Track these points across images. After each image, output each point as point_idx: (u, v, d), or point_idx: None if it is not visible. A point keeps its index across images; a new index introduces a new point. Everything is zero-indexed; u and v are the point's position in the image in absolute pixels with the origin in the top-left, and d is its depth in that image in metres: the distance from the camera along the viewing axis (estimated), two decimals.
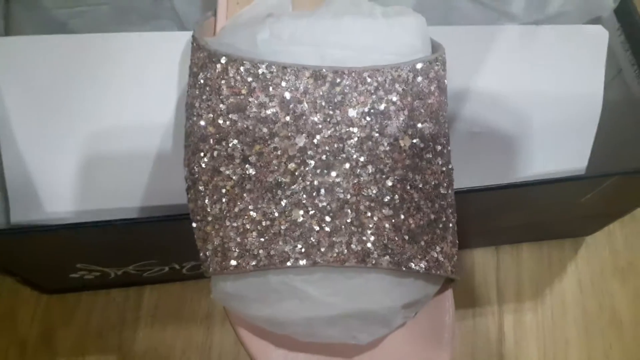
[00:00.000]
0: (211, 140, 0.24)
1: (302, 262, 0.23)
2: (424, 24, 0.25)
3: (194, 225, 0.25)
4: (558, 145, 0.38)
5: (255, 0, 0.30)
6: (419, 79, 0.23)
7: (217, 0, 0.30)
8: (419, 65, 0.24)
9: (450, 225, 0.25)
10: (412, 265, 0.24)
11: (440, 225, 0.25)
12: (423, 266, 0.24)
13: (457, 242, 0.26)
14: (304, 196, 0.23)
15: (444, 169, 0.25)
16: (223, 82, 0.24)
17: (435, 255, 0.24)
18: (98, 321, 0.42)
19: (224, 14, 0.30)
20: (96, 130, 0.34)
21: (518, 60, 0.35)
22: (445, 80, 0.25)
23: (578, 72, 0.36)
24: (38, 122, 0.34)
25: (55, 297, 0.43)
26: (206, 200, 0.24)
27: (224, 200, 0.24)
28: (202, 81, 0.25)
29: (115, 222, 0.31)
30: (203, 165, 0.24)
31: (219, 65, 0.24)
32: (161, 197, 0.34)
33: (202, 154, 0.24)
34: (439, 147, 0.24)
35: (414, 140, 0.23)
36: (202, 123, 0.24)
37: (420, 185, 0.24)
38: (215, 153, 0.24)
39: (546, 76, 0.36)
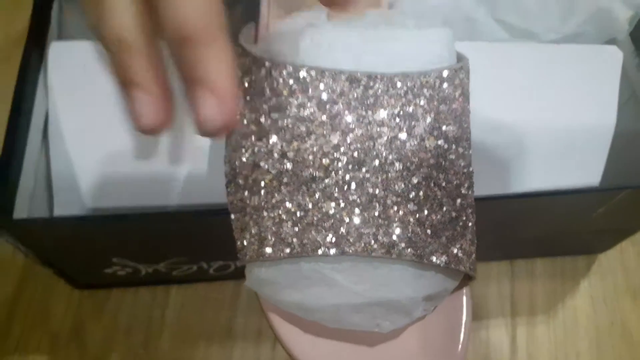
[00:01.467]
0: (252, 138, 0.26)
1: (332, 251, 0.25)
2: (451, 36, 0.27)
3: (233, 216, 0.27)
4: (571, 163, 0.39)
5: (293, 13, 0.32)
6: (445, 85, 0.26)
7: (260, 12, 0.33)
8: (445, 73, 0.26)
9: (470, 224, 0.27)
10: (434, 258, 0.25)
11: (461, 224, 0.26)
12: (444, 260, 0.26)
13: (476, 241, 0.28)
14: (336, 190, 0.25)
15: (465, 170, 0.27)
16: (266, 84, 0.26)
17: (455, 251, 0.26)
18: (126, 318, 0.44)
19: (265, 25, 0.32)
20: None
21: (533, 77, 0.37)
22: (469, 88, 0.27)
23: (592, 90, 0.38)
24: (85, 123, 0.37)
25: (87, 292, 0.45)
26: (245, 193, 0.26)
27: (262, 192, 0.26)
28: (246, 84, 0.27)
29: (153, 214, 0.33)
30: (244, 160, 0.27)
31: (263, 70, 0.26)
32: (199, 196, 0.36)
33: (243, 150, 0.27)
34: (461, 150, 0.26)
35: (439, 142, 0.25)
36: (245, 122, 0.27)
37: (443, 184, 0.26)
38: (255, 149, 0.26)
39: (561, 94, 0.38)
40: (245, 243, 0.26)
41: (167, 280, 0.43)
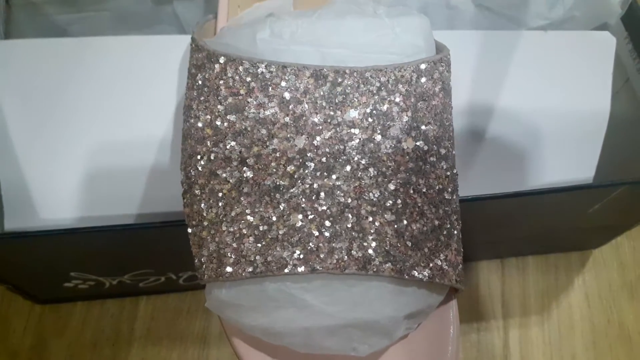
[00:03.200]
0: (208, 143, 0.23)
1: (301, 269, 0.22)
2: (427, 25, 0.24)
3: (190, 230, 0.24)
4: (564, 155, 0.37)
5: (256, 3, 0.29)
6: (423, 79, 0.23)
7: (218, 3, 0.29)
8: (423, 66, 0.23)
9: (455, 232, 0.24)
10: (415, 273, 0.23)
11: (445, 232, 0.24)
12: (426, 274, 0.23)
13: (462, 250, 0.25)
14: (303, 200, 0.22)
15: (448, 173, 0.24)
16: (221, 82, 0.23)
17: (440, 263, 0.23)
18: (92, 333, 0.41)
19: (224, 17, 0.29)
20: (93, 135, 0.33)
21: (523, 66, 0.35)
22: (450, 82, 0.24)
23: (585, 78, 0.36)
24: (35, 127, 0.34)
25: (49, 307, 0.42)
26: (202, 205, 0.24)
27: (220, 204, 0.23)
28: (200, 82, 0.24)
29: (110, 227, 0.30)
30: (200, 168, 0.24)
31: (217, 65, 0.23)
32: (159, 204, 0.33)
33: (199, 157, 0.24)
34: (444, 151, 0.23)
35: (418, 143, 0.23)
36: (200, 125, 0.24)
37: (424, 190, 0.23)
38: (212, 155, 0.23)
39: (552, 83, 0.35)
40: (203, 260, 0.24)
41: (135, 292, 0.40)
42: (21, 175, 0.34)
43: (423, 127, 0.23)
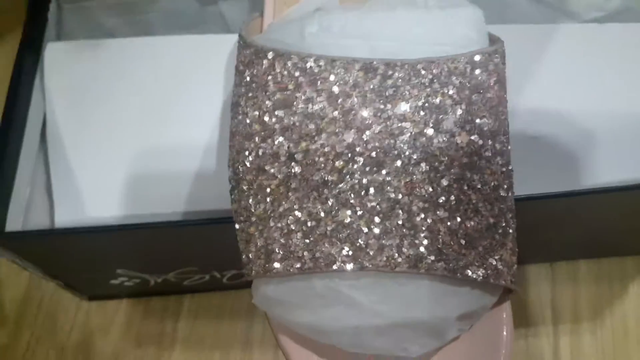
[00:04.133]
0: (256, 139, 0.23)
1: (349, 266, 0.21)
2: (480, 16, 0.24)
3: (237, 226, 0.24)
4: (619, 153, 0.35)
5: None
6: (477, 71, 0.22)
7: (265, 1, 0.29)
8: (477, 57, 0.22)
9: (510, 231, 0.23)
10: (469, 272, 0.22)
11: (500, 231, 0.23)
12: (481, 274, 0.22)
13: (517, 250, 0.24)
14: (352, 195, 0.22)
15: (504, 169, 0.23)
16: (270, 77, 0.23)
17: (494, 262, 0.22)
18: (137, 331, 0.42)
19: (271, 14, 0.29)
20: (141, 134, 0.34)
21: (578, 61, 0.33)
22: (506, 75, 0.23)
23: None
24: (84, 127, 0.35)
25: (95, 303, 0.42)
26: (250, 200, 0.23)
27: (268, 199, 0.23)
28: (248, 78, 0.24)
29: (156, 224, 0.30)
30: (247, 164, 0.24)
31: (265, 61, 0.23)
32: (206, 202, 0.33)
33: (246, 153, 0.24)
34: (499, 146, 0.23)
35: (472, 137, 0.22)
36: (248, 121, 0.24)
37: (479, 186, 0.22)
38: (260, 151, 0.23)
39: (608, 78, 0.34)
40: (250, 256, 0.23)
41: (179, 290, 0.41)
42: (71, 173, 0.34)
43: (478, 121, 0.22)
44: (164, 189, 0.33)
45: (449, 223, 0.22)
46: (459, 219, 0.22)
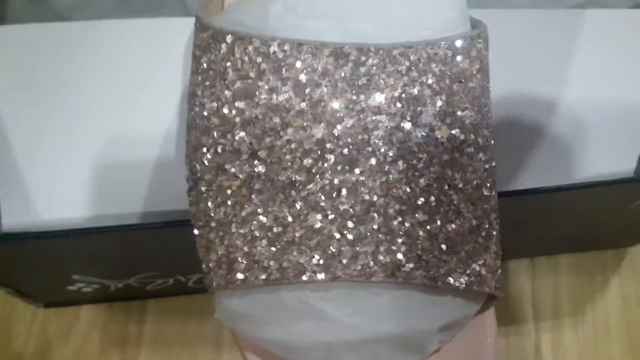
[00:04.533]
0: (215, 133, 0.21)
1: (320, 276, 0.19)
2: None
3: (196, 232, 0.22)
4: (605, 145, 0.34)
5: None
6: (459, 58, 0.20)
7: None
8: (458, 43, 0.20)
9: (494, 233, 0.22)
10: (451, 280, 0.20)
11: (483, 233, 0.21)
12: (463, 281, 0.20)
13: (501, 253, 0.22)
14: (322, 197, 0.19)
15: (486, 166, 0.21)
16: (229, 64, 0.20)
17: (478, 268, 0.21)
18: (99, 337, 0.39)
19: None
20: (96, 127, 0.31)
21: (562, 47, 0.32)
22: (488, 62, 0.21)
23: (628, 60, 0.32)
24: (33, 120, 0.32)
25: (53, 310, 0.40)
26: (209, 203, 0.21)
27: (229, 202, 0.20)
28: (205, 65, 0.21)
29: (112, 227, 0.28)
30: (206, 163, 0.21)
31: (224, 45, 0.20)
32: (166, 202, 0.31)
33: (204, 150, 0.21)
34: (481, 140, 0.21)
35: (453, 131, 0.20)
36: (205, 113, 0.21)
37: (460, 185, 0.20)
38: (219, 148, 0.21)
39: (591, 67, 0.32)
40: (211, 266, 0.21)
41: (142, 295, 0.38)
42: (19, 171, 0.31)
43: (459, 113, 0.20)
44: (120, 188, 0.30)
45: (428, 227, 0.20)
46: (439, 222, 0.20)
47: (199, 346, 0.39)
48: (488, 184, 0.21)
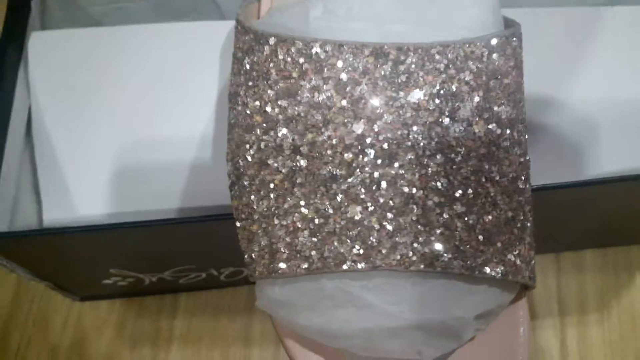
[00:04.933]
0: (258, 131, 0.22)
1: (361, 266, 0.20)
2: None
3: (238, 224, 0.23)
4: (625, 142, 0.34)
5: None
6: (495, 55, 0.21)
7: None
8: (494, 41, 0.21)
9: (528, 224, 0.22)
10: (487, 270, 0.21)
11: (518, 225, 0.21)
12: (499, 271, 0.21)
13: (535, 244, 0.23)
14: (362, 190, 0.20)
15: (521, 159, 0.22)
16: (272, 65, 0.21)
17: (513, 258, 0.21)
18: (131, 330, 0.40)
19: None
20: (133, 127, 0.32)
21: (584, 45, 0.32)
22: (522, 59, 0.22)
23: None
24: (72, 120, 0.33)
25: (88, 304, 0.41)
26: (252, 197, 0.22)
27: (272, 195, 0.21)
28: (248, 66, 0.22)
29: (151, 222, 0.29)
30: (249, 159, 0.22)
31: (267, 47, 0.21)
32: (201, 198, 0.32)
33: (247, 146, 0.22)
34: (517, 135, 0.21)
35: (490, 126, 0.20)
36: (248, 112, 0.22)
37: (497, 178, 0.21)
38: (262, 144, 0.22)
39: (615, 61, 0.33)
40: (254, 256, 0.22)
41: (175, 288, 0.39)
42: (59, 170, 0.33)
43: (496, 109, 0.20)
44: (157, 185, 0.32)
45: (466, 218, 0.20)
46: (476, 214, 0.20)
47: (229, 341, 0.40)
48: (523, 177, 0.22)
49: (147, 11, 0.39)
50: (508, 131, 0.21)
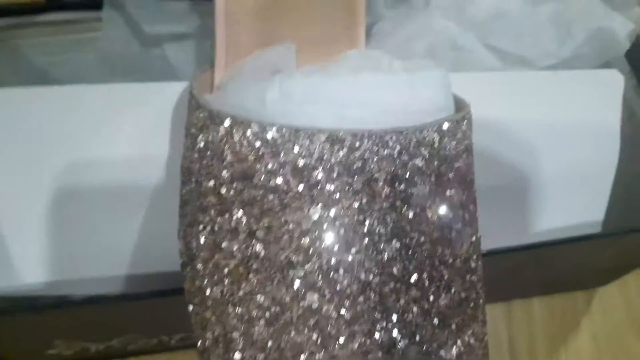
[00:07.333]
0: (212, 212, 0.21)
1: (319, 356, 0.20)
2: (446, 78, 0.23)
3: (191, 308, 0.22)
4: (573, 197, 0.35)
5: (255, 52, 0.27)
6: (446, 140, 0.21)
7: (216, 51, 0.27)
8: (445, 126, 0.21)
9: (481, 302, 0.22)
10: (443, 353, 0.21)
11: (472, 304, 0.22)
12: (454, 353, 0.21)
13: (487, 320, 0.23)
14: (320, 277, 0.20)
15: (473, 239, 0.22)
16: (227, 146, 0.21)
17: (467, 339, 0.21)
18: None
19: (222, 66, 0.27)
20: (77, 188, 0.31)
21: (532, 107, 0.33)
22: (472, 141, 0.22)
23: (593, 118, 0.35)
24: (17, 180, 0.31)
25: None
26: (205, 281, 0.21)
27: (226, 281, 0.21)
28: (202, 144, 0.22)
29: (98, 298, 0.27)
30: (202, 240, 0.21)
31: (222, 128, 0.21)
32: (151, 263, 0.31)
33: (201, 227, 0.22)
34: (468, 216, 0.22)
35: (443, 210, 0.21)
36: (202, 191, 0.22)
37: (450, 261, 0.21)
38: (216, 226, 0.21)
39: (561, 123, 0.34)
40: (207, 344, 0.21)
41: (123, 354, 0.37)
42: (2, 235, 0.31)
43: (448, 193, 0.21)
44: (101, 250, 0.30)
45: (422, 302, 0.20)
46: (432, 298, 0.21)
47: None
48: (475, 256, 0.22)
49: (95, 64, 0.38)
50: (460, 212, 0.21)
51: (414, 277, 0.20)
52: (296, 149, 0.20)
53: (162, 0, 0.35)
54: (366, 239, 0.20)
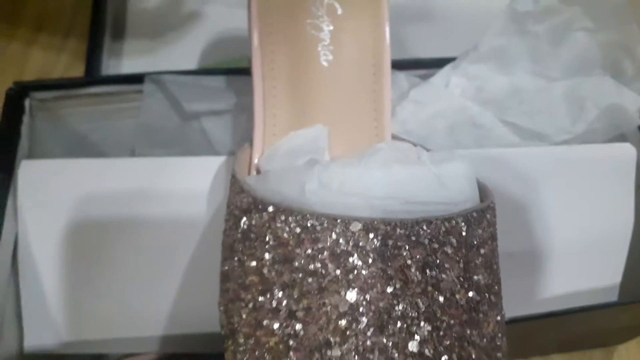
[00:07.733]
0: (254, 290, 0.23)
1: None
2: (471, 170, 0.25)
3: None
4: (590, 267, 0.37)
5: (291, 132, 0.30)
6: (472, 228, 0.23)
7: (254, 131, 0.30)
8: (471, 215, 0.23)
9: None
10: None
11: None
12: None
13: None
14: (356, 357, 0.21)
15: (498, 318, 0.23)
16: (269, 231, 0.23)
17: None
18: None
19: (260, 145, 0.30)
20: (118, 257, 0.33)
21: (548, 181, 0.35)
22: (497, 227, 0.24)
23: (608, 190, 0.36)
24: (58, 245, 0.33)
25: None
26: (247, 356, 0.23)
27: (266, 356, 0.22)
28: (245, 226, 0.24)
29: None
30: (244, 316, 0.23)
31: (265, 214, 0.23)
32: (187, 325, 0.32)
33: (242, 304, 0.23)
34: (494, 298, 0.23)
35: (470, 294, 0.22)
36: (244, 270, 0.23)
37: (477, 341, 0.22)
38: (258, 304, 0.23)
39: (576, 196, 0.36)
40: None
41: None
42: (43, 295, 0.33)
43: (475, 277, 0.22)
44: (141, 312, 0.32)
45: None
46: None
47: None
48: (500, 334, 0.23)
49: (133, 131, 0.40)
50: (486, 295, 0.23)
51: (444, 358, 0.22)
52: (334, 235, 0.22)
53: (200, 75, 0.37)
54: (399, 322, 0.22)
